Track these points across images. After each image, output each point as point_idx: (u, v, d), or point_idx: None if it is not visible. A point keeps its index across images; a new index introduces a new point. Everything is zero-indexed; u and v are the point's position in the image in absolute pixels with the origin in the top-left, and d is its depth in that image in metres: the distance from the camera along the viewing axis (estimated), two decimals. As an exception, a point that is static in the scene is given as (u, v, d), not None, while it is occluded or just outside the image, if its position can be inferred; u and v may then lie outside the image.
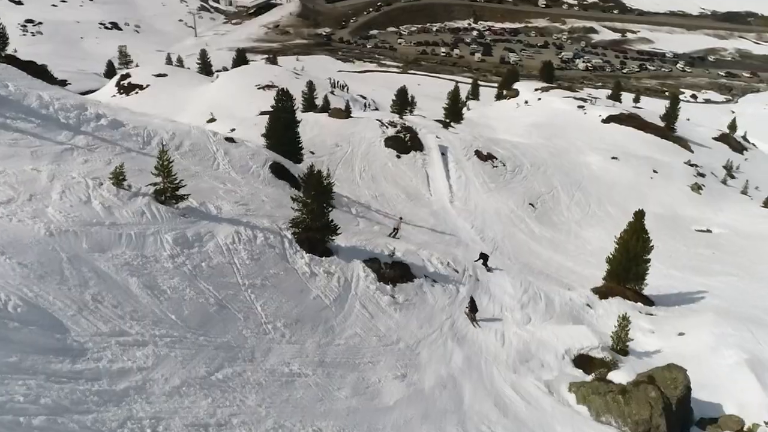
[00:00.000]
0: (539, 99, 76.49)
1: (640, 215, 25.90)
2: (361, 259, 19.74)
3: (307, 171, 20.49)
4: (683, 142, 65.50)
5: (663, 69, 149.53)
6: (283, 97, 29.67)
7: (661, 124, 67.77)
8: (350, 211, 28.55)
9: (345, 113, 44.40)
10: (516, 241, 33.67)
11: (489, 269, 24.57)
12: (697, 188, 50.87)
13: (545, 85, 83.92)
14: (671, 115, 66.28)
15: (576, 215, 41.76)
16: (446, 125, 48.17)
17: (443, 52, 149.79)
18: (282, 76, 66.22)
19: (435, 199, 37.41)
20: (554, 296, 23.68)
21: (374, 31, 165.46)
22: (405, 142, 41.94)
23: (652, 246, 25.56)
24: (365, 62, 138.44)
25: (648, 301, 25.68)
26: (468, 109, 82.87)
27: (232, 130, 36.95)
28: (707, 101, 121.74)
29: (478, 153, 44.59)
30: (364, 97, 75.92)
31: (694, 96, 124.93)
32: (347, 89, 72.20)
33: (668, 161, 57.57)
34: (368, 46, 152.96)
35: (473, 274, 23.38)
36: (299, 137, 31.55)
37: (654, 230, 44.06)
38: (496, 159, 45.09)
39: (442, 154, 42.66)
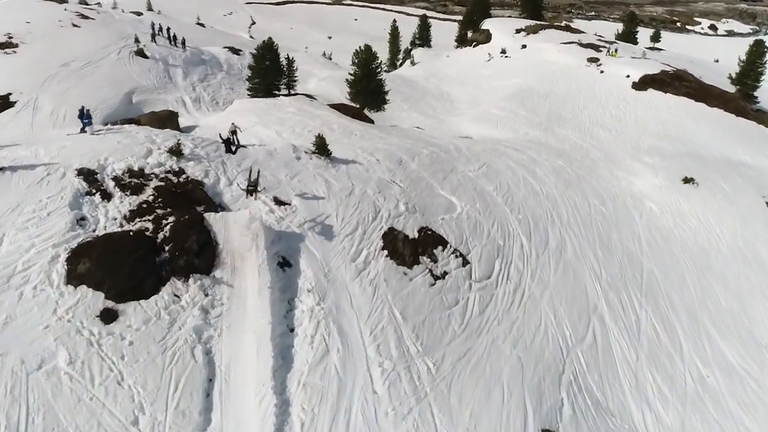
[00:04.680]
0: (523, 47, 47.78)
1: None
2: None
3: None
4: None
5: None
6: None
7: (724, 85, 40.60)
8: None
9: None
10: None
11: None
12: None
13: (530, 23, 54.67)
14: (750, 75, 38.76)
15: None
16: (324, 150, 19.07)
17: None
18: (46, 21, 34.79)
19: None
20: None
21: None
22: (148, 269, 12.93)
23: None
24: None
25: None
26: (412, 63, 53.70)
27: None
28: (730, 33, 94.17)
29: (389, 242, 16.45)
30: (239, 51, 45.47)
31: (713, 27, 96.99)
32: (182, 42, 40.04)
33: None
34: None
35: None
36: None
37: None
38: (445, 247, 17.25)
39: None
